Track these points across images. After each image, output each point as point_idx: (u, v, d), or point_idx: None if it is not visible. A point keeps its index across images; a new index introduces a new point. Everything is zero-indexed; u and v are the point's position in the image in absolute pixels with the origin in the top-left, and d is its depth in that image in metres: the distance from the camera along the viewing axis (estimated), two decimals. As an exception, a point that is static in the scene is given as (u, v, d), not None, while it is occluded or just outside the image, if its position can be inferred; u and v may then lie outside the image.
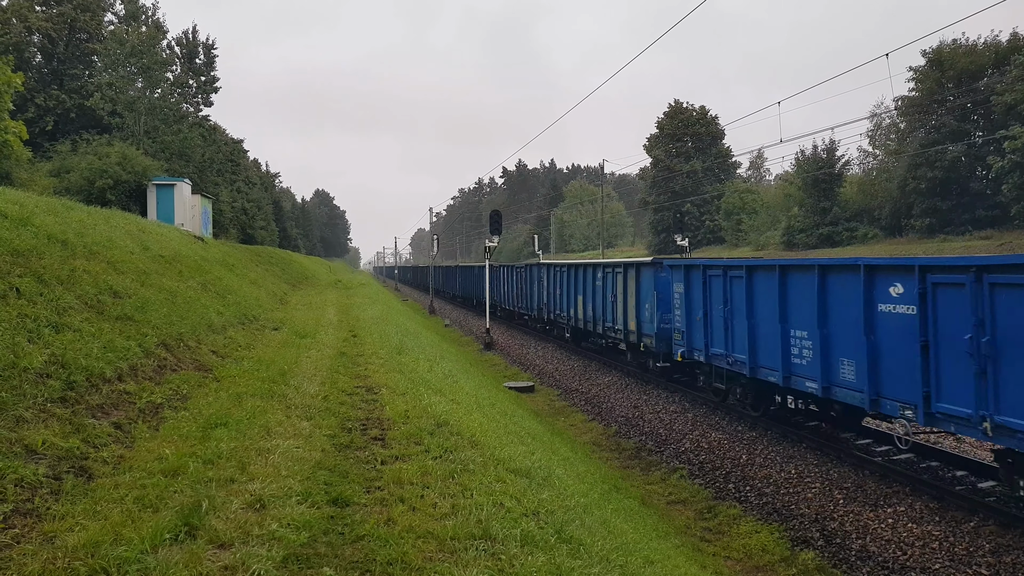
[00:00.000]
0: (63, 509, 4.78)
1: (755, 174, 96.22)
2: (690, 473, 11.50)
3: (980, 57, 48.12)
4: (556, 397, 18.16)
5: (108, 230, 14.15)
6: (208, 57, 45.23)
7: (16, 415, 5.78)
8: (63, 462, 5.52)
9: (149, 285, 12.27)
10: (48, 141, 33.67)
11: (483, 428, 8.78)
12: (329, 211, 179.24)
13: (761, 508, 9.91)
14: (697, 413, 15.08)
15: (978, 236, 43.99)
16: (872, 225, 54.24)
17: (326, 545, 4.50)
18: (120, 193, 26.91)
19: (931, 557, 7.97)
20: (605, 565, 5.11)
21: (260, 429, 7.13)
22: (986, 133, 46.70)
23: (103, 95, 34.86)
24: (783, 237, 58.58)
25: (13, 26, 35.85)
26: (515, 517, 5.29)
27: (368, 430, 7.54)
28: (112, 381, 7.56)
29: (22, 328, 7.20)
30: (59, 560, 3.99)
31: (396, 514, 5.06)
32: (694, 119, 76.13)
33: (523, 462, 7.41)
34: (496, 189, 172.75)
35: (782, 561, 8.14)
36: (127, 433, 6.68)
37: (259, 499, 5.12)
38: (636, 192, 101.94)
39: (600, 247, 74.63)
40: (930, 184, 48.21)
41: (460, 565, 4.31)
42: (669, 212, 72.68)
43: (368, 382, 10.28)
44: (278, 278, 33.50)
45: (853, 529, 8.88)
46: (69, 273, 9.59)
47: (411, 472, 6.03)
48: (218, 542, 4.41)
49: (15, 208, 10.89)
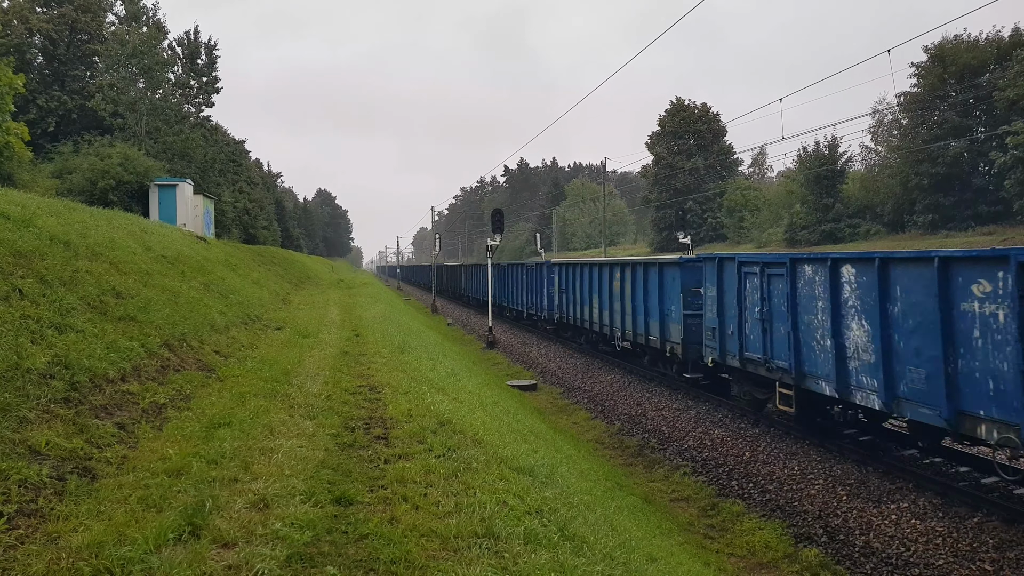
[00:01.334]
0: (67, 509, 4.79)
1: (757, 171, 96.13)
2: (693, 470, 11.50)
3: (982, 53, 48.02)
4: (559, 395, 18.16)
5: (110, 231, 14.16)
6: (209, 58, 45.24)
7: (20, 416, 5.79)
8: (67, 462, 5.53)
9: (152, 285, 12.29)
10: (50, 142, 33.73)
11: (486, 426, 8.78)
12: (331, 211, 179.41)
13: (764, 505, 9.90)
14: (700, 410, 15.06)
15: (980, 232, 43.92)
16: (874, 221, 54.20)
17: (330, 544, 4.50)
18: (122, 194, 26.96)
19: (935, 553, 7.96)
20: (608, 562, 5.11)
21: (263, 428, 7.14)
22: (988, 129, 46.58)
23: (104, 96, 34.90)
24: (785, 234, 58.56)
25: (14, 27, 35.90)
26: (518, 515, 5.29)
27: (371, 429, 7.54)
28: (115, 381, 7.57)
29: (25, 329, 7.22)
30: (63, 560, 4.00)
31: (400, 513, 5.06)
32: (696, 116, 76.06)
33: (526, 460, 7.41)
34: (498, 188, 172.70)
35: (785, 558, 8.14)
36: (131, 433, 6.69)
37: (263, 498, 5.13)
38: (637, 190, 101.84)
39: (602, 245, 74.58)
40: (932, 180, 48.13)
41: (464, 563, 4.31)
42: (671, 210, 72.66)
43: (371, 381, 10.29)
44: (280, 278, 33.53)
45: (856, 525, 8.87)
46: (72, 274, 9.60)
47: (414, 471, 6.03)
48: (222, 541, 4.41)
49: (17, 209, 10.90)
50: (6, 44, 33.83)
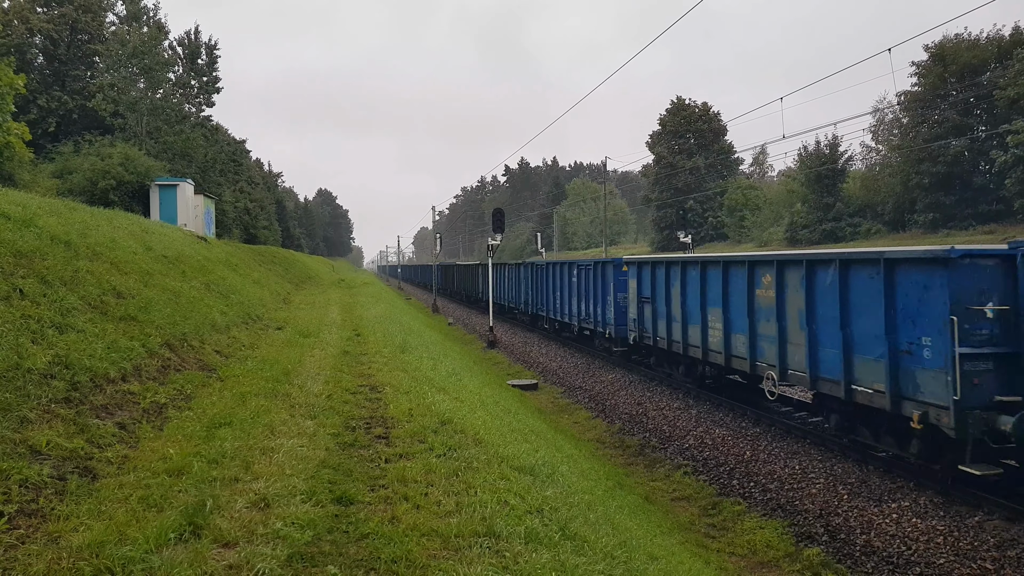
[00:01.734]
0: (68, 509, 4.80)
1: (758, 170, 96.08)
2: (694, 469, 11.50)
3: (983, 51, 47.92)
4: (560, 395, 18.16)
5: (111, 231, 14.17)
6: (210, 57, 45.27)
7: (20, 416, 5.79)
8: (67, 462, 5.53)
9: (152, 285, 12.29)
10: (51, 142, 33.74)
11: (487, 426, 8.78)
12: (332, 210, 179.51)
13: (765, 504, 9.90)
14: (700, 410, 15.06)
15: (981, 231, 43.86)
16: (875, 220, 54.13)
17: (330, 543, 4.50)
18: (123, 194, 26.97)
19: (936, 552, 7.95)
20: (609, 561, 5.11)
21: (264, 428, 7.14)
22: (989, 128, 46.52)
23: (105, 96, 34.92)
24: (786, 233, 58.54)
25: (15, 27, 35.92)
26: (519, 514, 5.29)
27: (372, 428, 7.54)
28: (116, 381, 7.58)
29: (26, 329, 7.22)
30: (64, 560, 4.00)
31: (400, 512, 5.06)
32: (696, 115, 76.01)
33: (527, 459, 7.41)
34: (499, 187, 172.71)
35: (787, 557, 8.14)
36: (131, 433, 6.69)
37: (263, 498, 5.13)
38: (638, 190, 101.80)
39: (603, 245, 74.58)
40: (933, 179, 48.06)
41: (464, 563, 4.31)
42: (672, 209, 72.62)
43: (372, 381, 10.29)
44: (281, 278, 33.55)
45: (858, 524, 8.87)
46: (72, 274, 9.61)
47: (415, 470, 6.03)
48: (223, 541, 4.41)
49: (18, 209, 10.90)
50: (7, 44, 33.85)
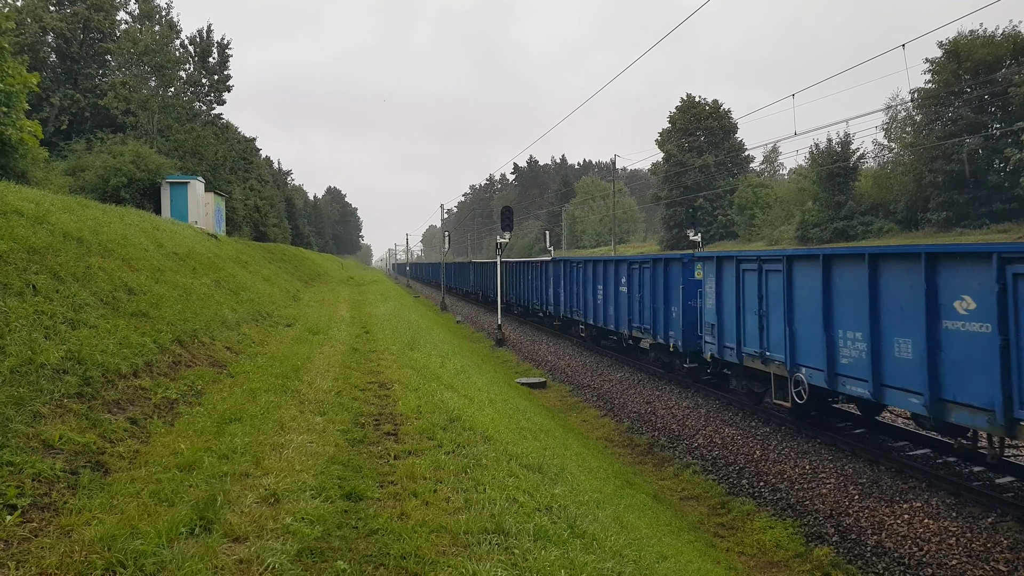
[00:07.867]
0: (80, 503, 4.83)
1: (769, 168, 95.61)
2: (703, 469, 11.45)
3: (998, 48, 47.44)
4: (568, 393, 18.13)
5: (123, 228, 14.26)
6: (221, 56, 45.43)
7: (33, 410, 5.84)
8: (80, 457, 5.57)
9: (163, 282, 12.36)
10: (63, 140, 33.98)
11: (495, 423, 8.78)
12: (341, 208, 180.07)
13: (775, 504, 9.85)
14: (710, 409, 15.00)
15: (996, 229, 43.45)
16: (887, 219, 53.71)
17: (340, 539, 4.51)
18: (134, 191, 27.13)
19: (948, 553, 7.89)
20: (618, 560, 5.10)
21: (274, 424, 7.17)
22: (1004, 125, 46.07)
23: (117, 94, 35.15)
24: (797, 232, 58.18)
25: (28, 26, 36.18)
26: (528, 512, 5.28)
27: (381, 425, 7.56)
28: (128, 377, 7.63)
29: (39, 325, 7.28)
30: (76, 553, 4.03)
31: (409, 508, 5.06)
32: (706, 113, 75.69)
33: (535, 457, 7.40)
34: (507, 185, 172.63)
35: (796, 557, 8.09)
36: (143, 428, 6.73)
37: (273, 493, 5.15)
38: (647, 188, 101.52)
39: (612, 243, 74.43)
40: (947, 177, 47.65)
41: (473, 559, 4.31)
42: (682, 207, 72.35)
43: (381, 378, 10.31)
44: (291, 275, 33.68)
45: (869, 525, 8.80)
46: (85, 270, 9.68)
47: (424, 467, 6.04)
48: (233, 536, 4.43)
49: (31, 206, 11.00)
50: (20, 43, 34.07)
